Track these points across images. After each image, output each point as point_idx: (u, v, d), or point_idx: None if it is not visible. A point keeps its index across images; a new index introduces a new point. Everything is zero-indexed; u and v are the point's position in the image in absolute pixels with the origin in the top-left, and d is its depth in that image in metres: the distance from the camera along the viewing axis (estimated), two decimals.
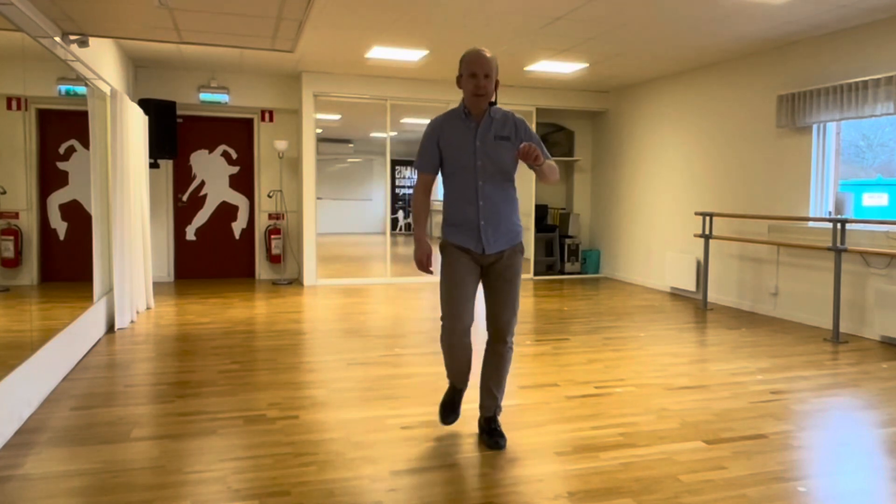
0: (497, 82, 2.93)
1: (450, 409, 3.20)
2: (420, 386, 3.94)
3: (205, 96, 8.03)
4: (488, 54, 2.88)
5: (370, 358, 4.60)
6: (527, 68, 7.46)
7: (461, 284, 2.95)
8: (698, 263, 7.34)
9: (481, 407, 3.14)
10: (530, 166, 2.83)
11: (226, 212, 8.59)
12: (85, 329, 4.67)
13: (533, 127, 8.70)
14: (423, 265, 3.00)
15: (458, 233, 2.97)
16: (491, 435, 3.05)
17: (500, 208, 2.96)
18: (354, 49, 6.66)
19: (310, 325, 5.71)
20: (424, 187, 3.06)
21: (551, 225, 9.43)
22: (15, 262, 3.59)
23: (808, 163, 6.03)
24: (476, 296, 3.01)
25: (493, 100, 2.94)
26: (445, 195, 3.04)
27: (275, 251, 8.46)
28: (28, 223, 3.74)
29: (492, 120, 2.96)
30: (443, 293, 3.00)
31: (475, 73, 2.87)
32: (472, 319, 3.01)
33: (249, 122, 8.60)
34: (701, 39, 6.09)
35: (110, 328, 5.44)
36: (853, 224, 5.50)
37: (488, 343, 3.08)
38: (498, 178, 2.95)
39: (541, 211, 9.32)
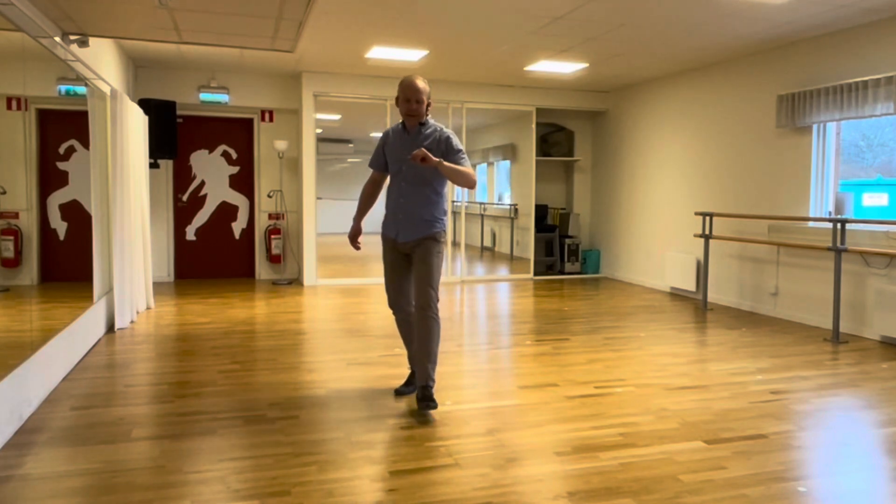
0: (429, 104, 3.49)
1: (404, 385, 3.79)
2: None
3: (205, 96, 8.03)
4: (420, 83, 3.43)
5: (370, 358, 4.60)
6: (527, 68, 7.46)
7: (390, 268, 3.68)
8: (698, 263, 7.35)
9: (416, 377, 3.54)
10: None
11: (226, 212, 8.59)
12: (85, 329, 4.67)
13: (533, 126, 8.81)
14: (351, 242, 3.79)
15: (386, 222, 3.66)
16: (420, 400, 3.44)
17: (415, 207, 3.52)
18: (354, 49, 6.66)
19: (310, 325, 5.71)
20: (372, 181, 3.79)
21: (551, 225, 9.42)
22: (15, 262, 3.59)
23: (808, 163, 6.03)
24: (408, 277, 3.63)
25: (422, 120, 3.49)
26: (387, 191, 3.72)
27: (275, 251, 8.46)
28: (28, 223, 3.74)
29: (420, 134, 3.50)
30: (384, 276, 3.73)
31: (408, 98, 3.43)
32: (404, 296, 3.65)
33: (249, 122, 8.60)
34: (701, 39, 6.09)
35: (110, 328, 5.44)
36: (853, 224, 5.50)
37: (414, 316, 3.53)
38: (417, 182, 3.52)
39: (541, 211, 9.32)
